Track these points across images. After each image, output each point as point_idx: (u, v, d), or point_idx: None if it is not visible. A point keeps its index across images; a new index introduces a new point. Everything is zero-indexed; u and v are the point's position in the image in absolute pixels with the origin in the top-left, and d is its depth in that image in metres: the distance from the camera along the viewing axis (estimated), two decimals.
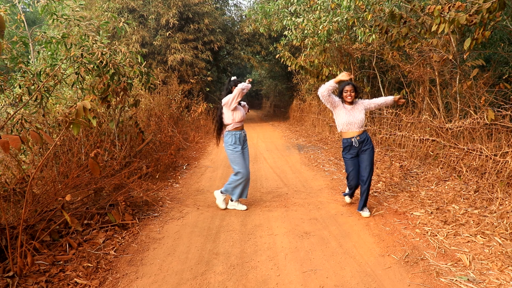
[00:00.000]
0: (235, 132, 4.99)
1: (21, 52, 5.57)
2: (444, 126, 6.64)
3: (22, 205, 3.92)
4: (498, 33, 7.50)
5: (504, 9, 5.31)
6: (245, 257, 3.67)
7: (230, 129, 4.99)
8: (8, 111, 5.96)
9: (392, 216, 4.60)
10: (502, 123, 5.46)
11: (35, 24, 23.77)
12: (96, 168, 3.50)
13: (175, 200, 5.73)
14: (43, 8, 5.43)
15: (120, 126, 6.84)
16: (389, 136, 8.62)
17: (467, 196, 4.98)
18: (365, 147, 4.64)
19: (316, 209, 5.04)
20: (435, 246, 3.68)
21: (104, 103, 5.84)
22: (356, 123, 4.57)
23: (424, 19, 6.58)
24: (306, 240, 4.02)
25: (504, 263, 3.24)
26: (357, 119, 4.57)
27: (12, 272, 3.18)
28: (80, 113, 3.02)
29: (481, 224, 4.08)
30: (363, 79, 11.66)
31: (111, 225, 4.42)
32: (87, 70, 5.51)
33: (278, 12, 13.36)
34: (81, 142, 5.73)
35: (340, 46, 10.67)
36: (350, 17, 8.71)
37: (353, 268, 3.35)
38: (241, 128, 5.07)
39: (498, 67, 7.32)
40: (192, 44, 16.86)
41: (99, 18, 13.51)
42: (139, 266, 3.55)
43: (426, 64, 7.52)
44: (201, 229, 4.47)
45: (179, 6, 16.04)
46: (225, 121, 5.00)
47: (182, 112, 13.57)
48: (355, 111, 4.61)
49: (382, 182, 6.04)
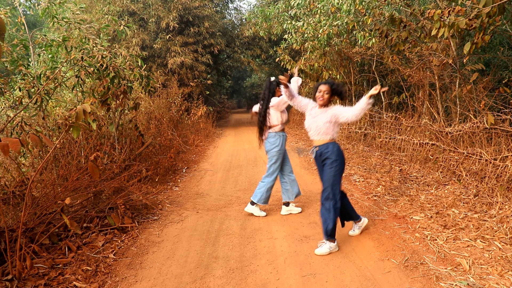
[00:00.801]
0: (282, 133, 5.02)
1: (22, 55, 5.57)
2: (443, 130, 6.64)
3: (22, 208, 3.91)
4: (497, 38, 7.52)
5: (504, 14, 5.33)
6: (245, 261, 3.67)
7: (277, 130, 4.99)
8: (8, 113, 5.96)
9: (392, 220, 4.59)
10: (501, 127, 5.46)
11: (36, 27, 23.79)
12: (96, 171, 3.50)
13: (174, 203, 5.72)
14: (43, 11, 5.44)
15: (120, 129, 6.83)
16: (388, 140, 8.63)
17: (467, 200, 4.98)
18: (326, 160, 3.88)
19: (315, 213, 5.03)
20: (435, 251, 3.67)
21: (104, 106, 5.84)
22: (315, 129, 3.96)
23: (424, 23, 6.60)
24: (306, 244, 4.01)
25: (504, 267, 3.23)
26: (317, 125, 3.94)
27: (11, 275, 3.17)
28: (80, 116, 3.02)
29: (481, 228, 4.07)
30: (363, 83, 11.68)
31: (110, 228, 4.41)
32: (87, 73, 5.51)
33: (278, 15, 13.39)
34: (80, 145, 5.72)
35: (340, 50, 10.69)
36: (350, 21, 8.74)
37: (353, 272, 3.34)
38: (284, 129, 5.09)
39: (498, 71, 7.34)
40: (192, 47, 16.88)
41: (100, 21, 13.53)
42: (138, 270, 3.55)
43: (426, 68, 7.54)
44: (200, 233, 4.46)
45: (180, 9, 16.07)
46: (272, 122, 4.97)
47: (182, 115, 13.57)
48: (322, 116, 3.94)
49: (382, 186, 6.04)
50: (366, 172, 7.09)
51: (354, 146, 9.93)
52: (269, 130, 5.03)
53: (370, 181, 6.43)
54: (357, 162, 8.04)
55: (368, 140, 9.95)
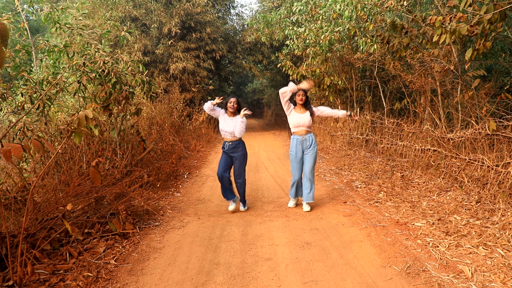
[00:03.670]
0: (294, 136, 5.41)
1: (24, 60, 5.59)
2: (445, 136, 6.63)
3: (23, 213, 3.91)
4: (499, 44, 7.52)
5: (505, 20, 5.34)
6: (246, 267, 3.66)
7: (292, 133, 5.46)
8: (10, 119, 5.97)
9: (394, 227, 4.58)
10: (503, 134, 5.45)
11: (38, 32, 23.92)
12: (98, 177, 3.50)
13: (176, 209, 5.72)
14: (46, 17, 5.46)
15: (122, 134, 6.85)
16: (390, 146, 8.62)
17: (469, 206, 4.96)
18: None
19: (317, 219, 5.02)
20: (437, 257, 3.66)
21: (106, 112, 5.85)
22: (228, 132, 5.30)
23: (426, 29, 6.61)
24: (307, 250, 4.00)
25: (506, 275, 3.21)
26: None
27: (12, 281, 3.16)
28: (82, 122, 3.02)
29: (483, 235, 4.05)
30: (364, 89, 11.69)
31: (111, 234, 4.41)
32: (89, 78, 5.53)
33: (280, 21, 13.44)
34: (82, 151, 5.73)
35: (341, 56, 10.71)
36: (352, 27, 8.77)
37: (354, 279, 3.33)
38: (299, 133, 5.38)
39: (500, 77, 7.34)
40: (194, 53, 16.94)
41: (102, 27, 13.59)
42: (140, 276, 3.54)
43: (427, 74, 7.54)
44: (202, 239, 4.45)
45: (182, 15, 16.14)
46: (290, 125, 5.48)
47: (183, 121, 13.58)
48: (231, 122, 5.30)
49: (384, 192, 6.02)
50: (368, 178, 7.08)
51: (355, 152, 9.93)
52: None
53: (371, 187, 6.42)
54: (358, 168, 8.04)
55: (370, 146, 9.95)
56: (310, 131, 5.43)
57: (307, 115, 5.33)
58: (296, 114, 5.34)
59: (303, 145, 5.35)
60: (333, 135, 12.44)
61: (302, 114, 5.33)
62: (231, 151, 5.34)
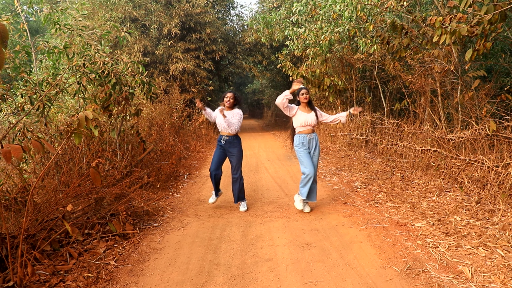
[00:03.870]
0: (299, 135, 5.44)
1: (24, 61, 5.60)
2: (445, 137, 6.63)
3: (23, 214, 3.92)
4: (499, 44, 7.53)
5: (505, 21, 5.34)
6: (246, 268, 3.65)
7: (297, 132, 5.47)
8: (10, 120, 5.97)
9: (394, 227, 4.58)
10: (503, 134, 5.45)
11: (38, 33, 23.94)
12: (97, 178, 3.50)
13: (176, 210, 5.72)
14: (46, 18, 5.46)
15: (122, 135, 6.85)
16: (390, 147, 8.62)
17: (469, 207, 4.96)
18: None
19: (317, 220, 5.02)
20: (437, 258, 3.66)
21: (105, 112, 5.85)
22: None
23: (426, 30, 6.61)
24: (307, 251, 4.00)
25: (506, 276, 3.21)
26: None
27: (12, 282, 3.16)
28: (82, 123, 3.02)
29: (483, 236, 4.05)
30: (364, 89, 11.69)
31: (111, 234, 4.41)
32: (89, 79, 5.53)
33: (280, 22, 13.45)
34: (82, 151, 5.73)
35: (341, 56, 10.72)
36: (352, 27, 8.77)
37: (354, 280, 3.33)
38: (306, 132, 5.44)
39: (500, 78, 7.34)
40: (194, 54, 16.94)
41: (102, 28, 13.59)
42: (140, 277, 3.53)
43: (427, 74, 7.54)
44: (202, 240, 4.45)
45: (181, 15, 16.14)
46: (294, 125, 5.55)
47: (183, 122, 13.59)
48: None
49: (383, 193, 6.02)
50: (368, 178, 7.08)
51: (355, 153, 9.93)
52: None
53: (371, 188, 6.42)
54: (358, 169, 8.04)
55: (370, 147, 9.95)
56: (314, 131, 5.52)
57: (313, 115, 5.41)
58: (302, 113, 5.40)
59: (310, 144, 5.41)
60: (333, 136, 12.45)
61: (308, 114, 5.40)
62: (228, 146, 5.49)
